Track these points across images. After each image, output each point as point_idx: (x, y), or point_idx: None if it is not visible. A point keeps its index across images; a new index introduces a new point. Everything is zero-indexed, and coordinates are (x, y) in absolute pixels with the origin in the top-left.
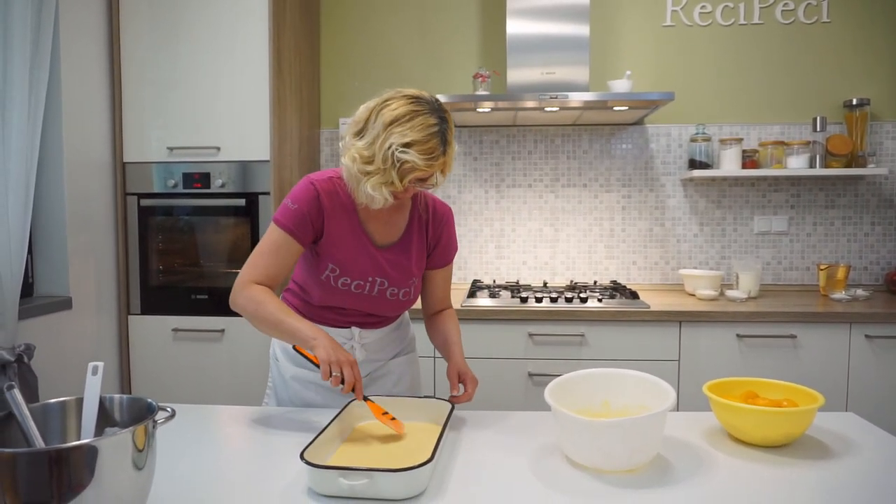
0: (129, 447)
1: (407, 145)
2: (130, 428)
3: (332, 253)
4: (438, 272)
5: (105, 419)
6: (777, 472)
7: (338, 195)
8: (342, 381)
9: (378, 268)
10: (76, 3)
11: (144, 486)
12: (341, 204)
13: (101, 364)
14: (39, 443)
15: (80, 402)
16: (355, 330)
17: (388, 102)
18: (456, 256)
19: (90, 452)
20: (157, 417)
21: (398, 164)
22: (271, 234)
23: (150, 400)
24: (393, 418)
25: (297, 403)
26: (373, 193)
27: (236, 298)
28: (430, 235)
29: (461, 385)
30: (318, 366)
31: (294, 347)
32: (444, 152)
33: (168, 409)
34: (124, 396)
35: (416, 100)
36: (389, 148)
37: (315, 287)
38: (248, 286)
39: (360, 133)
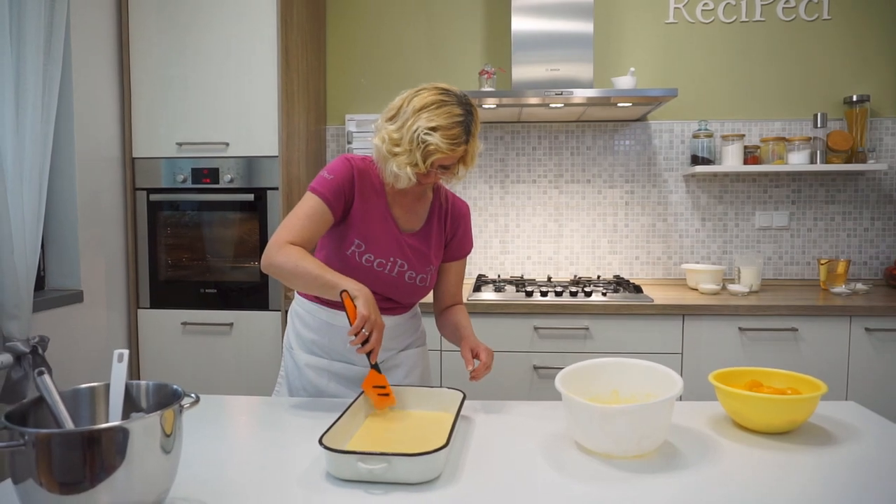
0: (158, 431)
1: (432, 129)
2: (159, 411)
3: (360, 228)
4: (452, 265)
5: (131, 405)
6: (781, 458)
7: (370, 176)
8: (364, 342)
9: (400, 250)
10: (87, 0)
11: (171, 471)
12: (372, 185)
13: (126, 351)
14: (70, 426)
15: (108, 387)
16: None
17: (420, 92)
18: None
19: (122, 434)
20: (182, 402)
21: (422, 146)
22: (307, 201)
23: (175, 386)
24: (381, 395)
25: (309, 391)
26: (398, 172)
27: (273, 257)
28: (448, 227)
29: (476, 360)
30: (351, 324)
31: (340, 294)
32: (467, 141)
33: (192, 395)
34: (150, 383)
35: (445, 91)
36: (416, 131)
37: (337, 264)
38: (284, 246)
39: (392, 118)
